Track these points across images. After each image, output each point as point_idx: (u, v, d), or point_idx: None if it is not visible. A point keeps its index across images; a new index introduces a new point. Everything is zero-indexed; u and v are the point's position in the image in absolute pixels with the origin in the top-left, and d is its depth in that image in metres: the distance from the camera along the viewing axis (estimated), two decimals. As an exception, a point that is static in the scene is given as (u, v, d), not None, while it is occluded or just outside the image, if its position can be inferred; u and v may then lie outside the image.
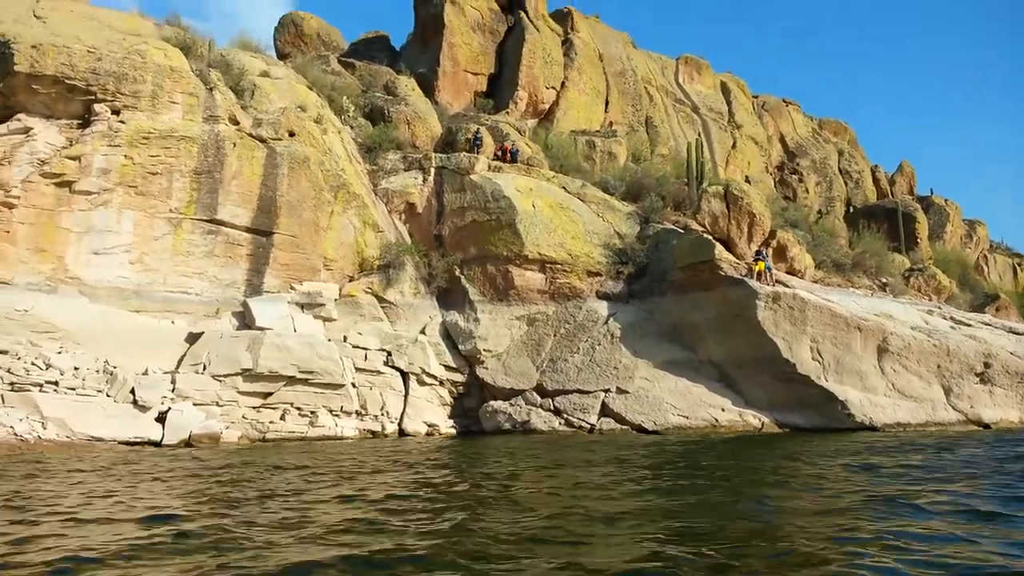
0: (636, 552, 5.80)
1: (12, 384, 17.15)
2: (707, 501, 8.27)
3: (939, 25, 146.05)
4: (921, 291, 27.35)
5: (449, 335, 24.27)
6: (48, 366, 17.72)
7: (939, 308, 25.11)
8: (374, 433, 21.40)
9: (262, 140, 23.06)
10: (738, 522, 6.93)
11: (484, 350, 23.55)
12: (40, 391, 17.34)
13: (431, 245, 25.80)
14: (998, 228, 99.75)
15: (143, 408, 18.38)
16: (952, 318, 23.90)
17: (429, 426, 22.41)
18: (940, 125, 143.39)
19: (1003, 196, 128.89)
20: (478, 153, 26.96)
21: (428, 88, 33.60)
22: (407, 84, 32.40)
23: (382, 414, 21.93)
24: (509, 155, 27.30)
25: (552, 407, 22.11)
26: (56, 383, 17.61)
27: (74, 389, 17.80)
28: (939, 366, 20.84)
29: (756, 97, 47.40)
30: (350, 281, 24.22)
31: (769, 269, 21.70)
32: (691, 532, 6.54)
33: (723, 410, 20.87)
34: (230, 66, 24.58)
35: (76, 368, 18.13)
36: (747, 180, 35.89)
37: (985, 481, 9.21)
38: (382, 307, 23.91)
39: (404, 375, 22.94)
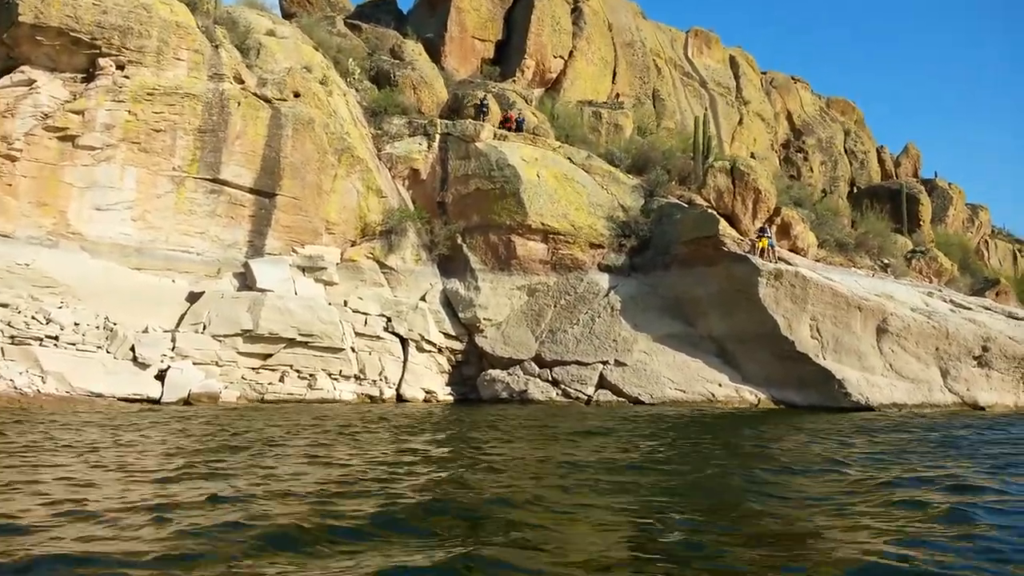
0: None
1: (12, 337, 17.19)
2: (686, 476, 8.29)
3: (934, 22, 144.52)
4: (922, 273, 27.36)
5: (449, 303, 24.29)
6: (48, 320, 17.75)
7: (940, 291, 25.12)
8: (372, 398, 21.49)
9: (267, 100, 22.87)
10: (713, 496, 6.94)
11: (484, 319, 23.59)
12: (40, 345, 17.39)
13: (434, 212, 25.70)
14: (1000, 214, 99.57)
15: (143, 365, 18.45)
16: (952, 301, 23.91)
17: (427, 393, 22.50)
18: (935, 124, 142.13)
19: (1004, 186, 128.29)
20: (484, 120, 26.79)
21: (435, 53, 33.25)
22: (414, 48, 32.05)
23: (380, 379, 22.01)
24: (515, 124, 27.14)
25: (550, 377, 22.19)
26: (56, 338, 17.66)
27: (74, 344, 17.85)
28: (937, 348, 20.88)
29: (765, 73, 46.97)
30: (352, 246, 24.17)
31: (772, 246, 21.68)
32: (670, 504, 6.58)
33: (720, 385, 20.96)
34: (236, 23, 24.32)
35: (76, 324, 18.15)
36: (752, 157, 35.68)
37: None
38: (383, 273, 23.89)
39: (403, 341, 22.99)
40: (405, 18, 37.87)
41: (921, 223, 37.80)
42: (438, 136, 26.42)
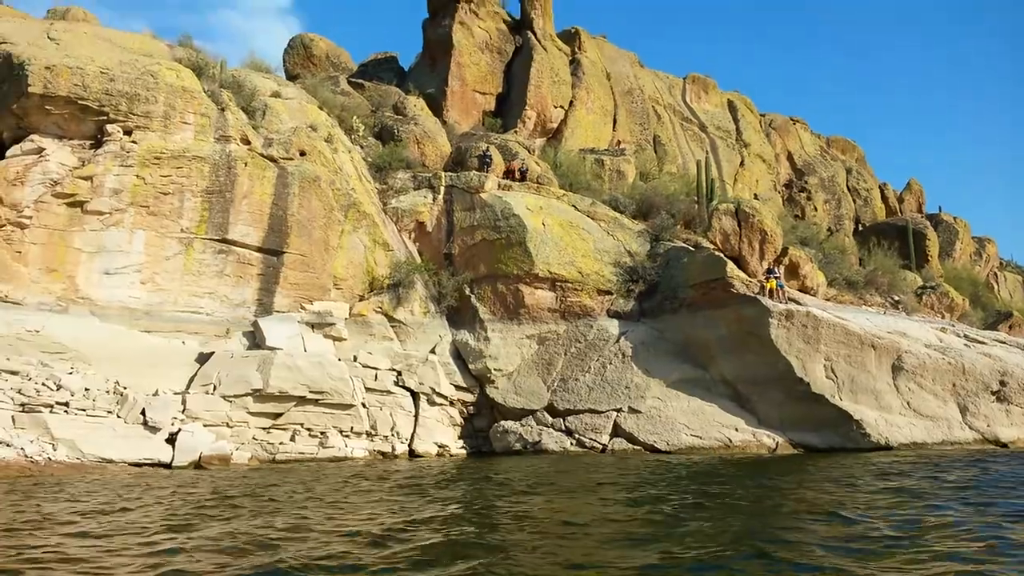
0: None
1: (23, 405, 17.07)
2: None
3: (937, 38, 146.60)
4: (934, 309, 27.17)
5: (459, 354, 24.16)
6: (59, 387, 17.65)
7: (952, 326, 24.91)
8: (384, 454, 21.25)
9: (273, 160, 23.10)
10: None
11: (494, 369, 23.43)
12: (51, 412, 17.25)
13: (441, 264, 25.75)
14: (1007, 245, 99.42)
15: (153, 429, 18.28)
16: (966, 336, 23.70)
17: (439, 447, 22.25)
18: (941, 146, 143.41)
19: (1006, 213, 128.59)
20: (488, 170, 27.01)
21: (437, 108, 33.70)
22: (416, 104, 32.51)
23: (392, 435, 21.78)
24: (519, 174, 27.35)
25: (563, 427, 21.94)
26: (67, 404, 17.53)
27: (84, 410, 17.72)
28: (954, 384, 20.62)
29: (763, 115, 47.43)
30: (360, 300, 24.15)
31: (781, 287, 21.59)
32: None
33: (736, 430, 20.67)
34: (241, 86, 24.69)
35: (87, 389, 18.05)
36: (756, 198, 35.83)
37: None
38: (392, 326, 23.82)
39: (414, 395, 22.82)
40: (407, 75, 38.48)
41: (929, 258, 37.78)
42: (442, 188, 26.60)
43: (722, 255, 23.19)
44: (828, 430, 20.06)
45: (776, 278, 21.77)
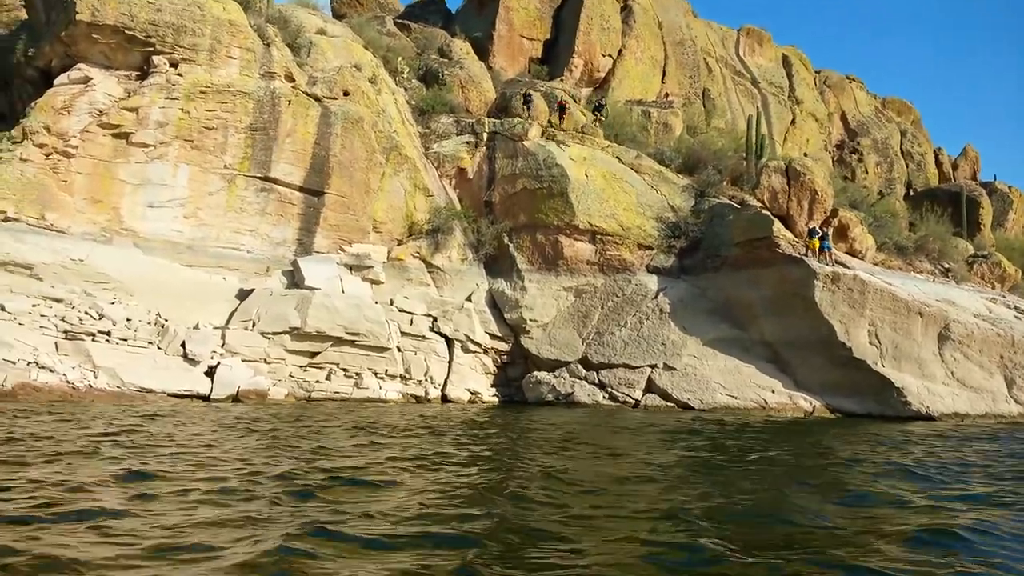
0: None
1: (66, 332, 17.40)
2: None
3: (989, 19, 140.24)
4: (984, 279, 26.35)
5: (495, 303, 24.08)
6: (101, 316, 17.94)
7: (1003, 297, 24.20)
8: (417, 398, 21.36)
9: (317, 98, 22.91)
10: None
11: (530, 319, 23.31)
12: (93, 340, 17.57)
13: (480, 211, 25.52)
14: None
15: (193, 362, 18.55)
16: (1016, 308, 23.01)
17: (472, 393, 22.31)
18: (1000, 113, 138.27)
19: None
20: (530, 112, 26.69)
21: (483, 52, 33.14)
22: (462, 48, 31.97)
23: (426, 379, 21.87)
24: (558, 108, 27.22)
25: (597, 380, 21.84)
26: (108, 333, 17.83)
27: (126, 340, 18.02)
28: (1002, 356, 20.09)
29: (818, 72, 45.96)
30: (398, 244, 24.09)
31: (829, 249, 21.03)
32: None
33: (773, 392, 20.39)
34: (287, 22, 24.43)
35: (128, 319, 18.32)
36: (805, 157, 34.87)
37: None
38: (429, 272, 23.76)
39: (449, 341, 22.84)
40: (453, 17, 37.86)
41: (982, 227, 36.65)
42: (485, 135, 26.25)
43: (769, 213, 22.64)
44: (867, 396, 19.70)
45: (821, 238, 21.19)
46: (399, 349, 21.85)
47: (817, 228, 21.92)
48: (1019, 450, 11.93)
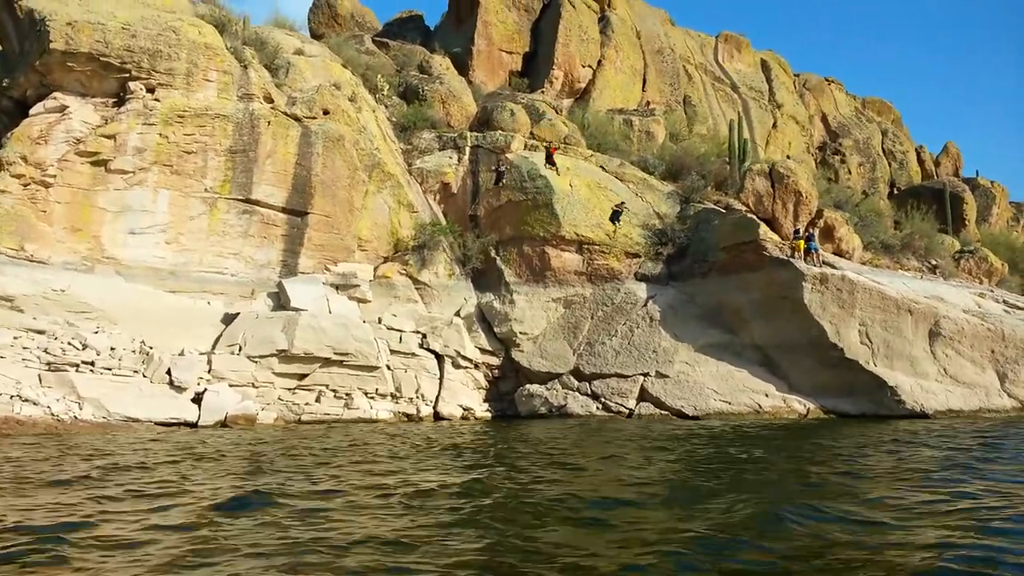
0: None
1: (49, 364, 17.11)
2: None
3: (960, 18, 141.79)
4: (972, 274, 26.39)
5: (484, 317, 23.90)
6: (84, 346, 17.65)
7: (991, 291, 24.20)
8: (409, 416, 21.13)
9: (296, 118, 22.77)
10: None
11: (520, 333, 23.15)
12: (76, 371, 17.27)
13: (466, 226, 25.39)
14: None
15: (179, 389, 18.28)
16: (1005, 302, 23.02)
17: (464, 409, 22.09)
18: (979, 110, 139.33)
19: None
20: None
21: (462, 67, 33.14)
22: (441, 63, 31.96)
23: (417, 397, 21.65)
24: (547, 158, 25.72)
25: (589, 391, 21.68)
26: (92, 363, 17.54)
27: (110, 369, 17.73)
28: (993, 351, 20.05)
29: (797, 75, 46.21)
30: (384, 262, 23.91)
31: (816, 250, 21.01)
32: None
33: (766, 395, 20.28)
34: (264, 44, 24.29)
35: (112, 348, 18.04)
36: (788, 159, 34.94)
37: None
38: (417, 288, 23.58)
39: (439, 357, 22.63)
40: (432, 34, 37.90)
41: (966, 223, 36.82)
42: (468, 149, 26.18)
43: (754, 217, 22.62)
44: (861, 396, 19.61)
45: (808, 239, 21.16)
46: (389, 367, 21.63)
47: (799, 229, 21.91)
48: None
